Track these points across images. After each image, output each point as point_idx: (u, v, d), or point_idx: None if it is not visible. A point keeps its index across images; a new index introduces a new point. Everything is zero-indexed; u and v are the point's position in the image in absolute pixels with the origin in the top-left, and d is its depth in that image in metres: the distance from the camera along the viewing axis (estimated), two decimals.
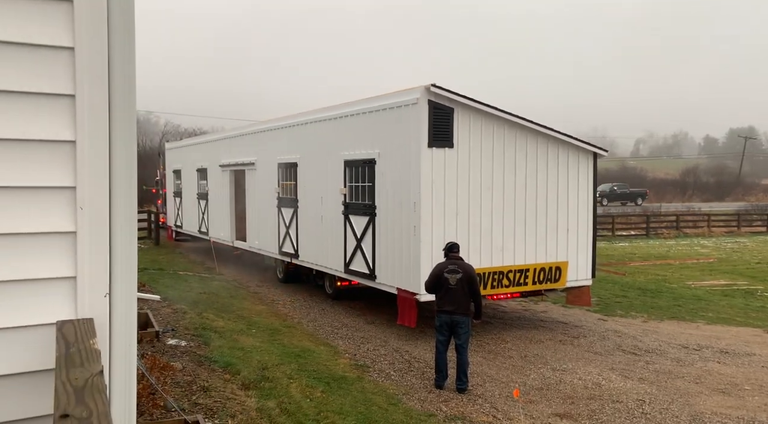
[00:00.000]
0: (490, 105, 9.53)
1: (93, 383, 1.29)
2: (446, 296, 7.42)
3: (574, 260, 10.44)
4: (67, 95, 1.96)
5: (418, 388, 7.42)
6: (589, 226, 10.71)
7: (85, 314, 1.94)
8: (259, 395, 6.39)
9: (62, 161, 1.97)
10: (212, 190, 17.32)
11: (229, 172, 16.17)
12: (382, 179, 9.98)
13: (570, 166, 10.43)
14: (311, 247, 12.24)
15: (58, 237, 1.95)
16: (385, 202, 9.96)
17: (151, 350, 7.37)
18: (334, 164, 11.19)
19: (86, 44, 1.96)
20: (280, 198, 13.41)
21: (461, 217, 9.41)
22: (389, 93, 9.88)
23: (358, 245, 10.62)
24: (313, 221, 12.12)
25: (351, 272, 10.90)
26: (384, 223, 9.98)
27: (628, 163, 79.21)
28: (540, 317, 11.46)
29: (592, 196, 10.72)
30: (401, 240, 9.52)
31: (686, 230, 30.71)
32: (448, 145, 9.22)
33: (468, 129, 9.41)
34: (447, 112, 9.18)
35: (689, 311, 12.32)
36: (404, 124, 9.39)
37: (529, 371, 8.11)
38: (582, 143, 10.64)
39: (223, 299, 12.13)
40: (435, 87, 8.95)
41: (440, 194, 9.21)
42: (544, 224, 10.19)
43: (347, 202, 10.93)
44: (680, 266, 19.22)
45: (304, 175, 12.43)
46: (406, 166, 9.34)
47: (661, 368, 8.34)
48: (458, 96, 9.20)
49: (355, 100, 10.88)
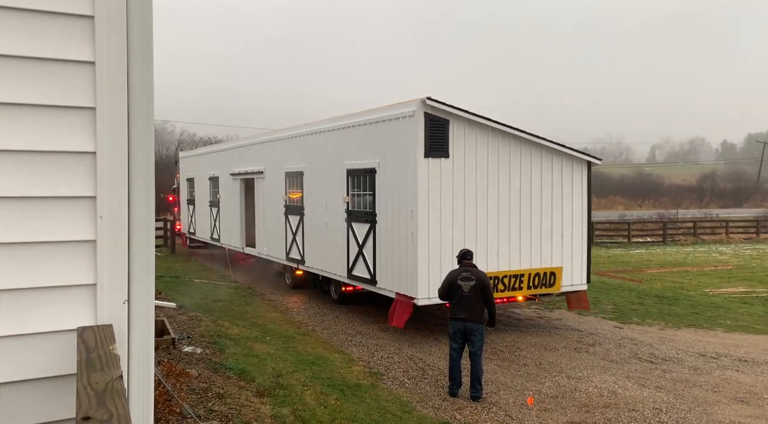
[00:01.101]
0: (484, 116, 9.88)
1: (113, 386, 1.33)
2: (460, 304, 7.42)
3: (569, 265, 10.73)
4: (87, 108, 2.02)
5: (432, 396, 7.41)
6: (584, 232, 11.00)
7: (104, 320, 2.00)
8: (274, 402, 6.43)
9: (83, 172, 2.03)
10: (223, 198, 17.81)
11: (239, 180, 16.62)
12: (381, 188, 10.37)
13: (564, 175, 10.77)
14: (316, 253, 12.60)
15: (78, 245, 2.01)
16: (384, 210, 10.33)
17: (167, 357, 7.45)
18: (338, 173, 11.60)
19: (106, 58, 2.03)
20: (287, 206, 13.80)
21: (457, 224, 9.74)
22: (388, 105, 10.26)
23: (360, 251, 10.95)
24: (318, 228, 12.47)
25: (354, 277, 11.23)
26: (384, 230, 10.33)
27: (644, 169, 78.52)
28: (555, 324, 11.39)
29: (586, 203, 11.04)
30: (400, 246, 9.86)
31: (704, 237, 30.34)
32: (443, 156, 9.57)
33: (463, 140, 9.78)
34: (442, 124, 9.53)
35: (707, 318, 12.17)
36: (402, 135, 9.75)
37: (544, 379, 8.06)
38: (576, 152, 10.99)
39: (237, 307, 12.21)
40: (430, 100, 9.29)
41: (436, 202, 9.54)
42: (538, 230, 10.51)
43: (350, 210, 11.29)
44: (698, 273, 18.99)
45: (310, 183, 12.82)
46: (404, 176, 9.72)
47: (678, 377, 8.25)
48: (453, 108, 9.54)
49: (356, 112, 11.27)
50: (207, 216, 19.40)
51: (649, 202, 56.91)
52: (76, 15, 1.99)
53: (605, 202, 56.82)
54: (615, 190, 58.50)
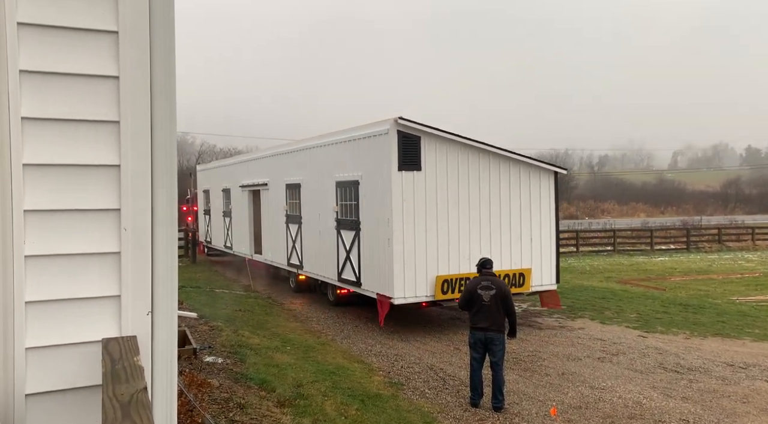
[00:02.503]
0: (453, 133, 10.92)
1: (138, 398, 1.34)
2: (480, 313, 7.35)
3: (538, 267, 11.66)
4: (112, 122, 2.06)
5: (453, 406, 7.34)
6: (552, 236, 12.02)
7: (128, 331, 2.02)
8: (295, 412, 6.42)
9: (107, 185, 2.06)
10: (234, 209, 19.14)
11: (247, 192, 17.86)
12: (364, 198, 11.41)
13: (532, 184, 11.78)
14: (312, 258, 13.69)
15: (103, 258, 2.03)
16: (366, 219, 11.34)
17: (188, 367, 7.49)
18: (329, 185, 12.68)
19: (130, 73, 2.06)
20: (287, 215, 14.92)
21: (430, 230, 10.73)
22: (368, 123, 11.35)
23: (348, 256, 11.98)
24: (313, 236, 13.56)
25: (343, 280, 12.23)
26: (366, 236, 11.33)
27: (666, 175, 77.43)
28: (577, 333, 11.24)
29: (554, 210, 12.07)
30: (379, 251, 10.85)
31: (729, 244, 29.77)
32: (416, 169, 10.61)
33: (434, 154, 10.79)
34: (414, 140, 10.57)
35: (734, 327, 11.90)
36: (378, 151, 10.81)
37: (567, 389, 7.94)
38: (543, 164, 12.12)
39: (257, 316, 12.27)
40: (402, 119, 10.39)
41: (410, 211, 10.56)
42: (508, 235, 11.46)
43: (339, 219, 12.35)
44: (723, 280, 18.61)
45: (306, 194, 13.94)
46: (381, 187, 10.75)
47: (705, 387, 8.07)
48: (424, 126, 10.59)
49: (344, 129, 12.37)
50: (221, 225, 20.74)
51: (672, 208, 56.05)
52: (101, 31, 2.03)
53: (627, 210, 56.09)
54: (637, 197, 57.79)
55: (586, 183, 69.91)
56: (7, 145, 1.93)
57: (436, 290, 10.74)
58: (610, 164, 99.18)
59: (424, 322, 12.15)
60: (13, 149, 1.93)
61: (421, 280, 10.68)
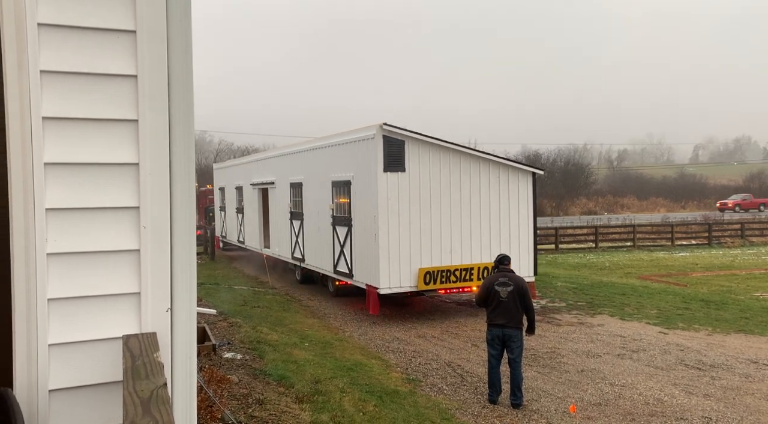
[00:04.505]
0: (435, 137, 11.91)
1: (158, 394, 1.35)
2: (497, 309, 7.32)
3: (516, 260, 11.96)
4: (130, 120, 2.07)
5: (472, 403, 7.32)
6: (530, 232, 12.90)
7: (148, 328, 2.04)
8: (313, 408, 6.45)
9: (127, 183, 2.08)
10: (246, 205, 20.15)
11: (258, 189, 18.91)
12: (355, 197, 12.34)
13: (510, 184, 12.71)
14: (313, 253, 14.62)
15: (123, 255, 2.06)
16: (357, 216, 12.27)
17: (208, 363, 7.57)
18: (326, 184, 13.59)
19: (148, 72, 2.08)
20: (291, 212, 15.93)
21: (413, 226, 11.67)
22: (359, 128, 12.26)
23: (342, 250, 12.90)
24: (313, 231, 14.52)
25: (338, 272, 13.17)
26: (357, 232, 12.27)
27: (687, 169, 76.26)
28: (596, 330, 11.13)
29: (531, 207, 12.93)
30: (368, 245, 11.79)
31: (752, 239, 29.21)
32: (400, 170, 11.56)
33: (417, 157, 11.75)
34: (398, 144, 11.54)
35: (758, 323, 11.69)
36: (367, 154, 11.75)
37: (586, 386, 7.88)
38: (521, 165, 13.27)
39: (276, 313, 12.35)
40: (387, 125, 11.35)
41: (395, 209, 11.51)
42: (487, 231, 12.37)
43: (334, 216, 13.30)
44: (747, 276, 18.29)
45: (307, 193, 14.90)
46: (369, 187, 11.67)
47: (728, 384, 7.94)
48: (407, 131, 11.60)
49: (338, 133, 13.36)
50: (235, 221, 21.89)
51: (693, 203, 55.19)
52: (119, 30, 2.04)
53: (647, 205, 55.34)
54: (657, 192, 57.00)
55: (605, 178, 69.10)
56: (29, 144, 1.96)
57: (419, 281, 11.68)
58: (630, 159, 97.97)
59: (441, 318, 12.13)
60: (35, 148, 1.96)
61: (405, 272, 11.62)
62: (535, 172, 13.14)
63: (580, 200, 54.87)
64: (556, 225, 30.40)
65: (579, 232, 29.03)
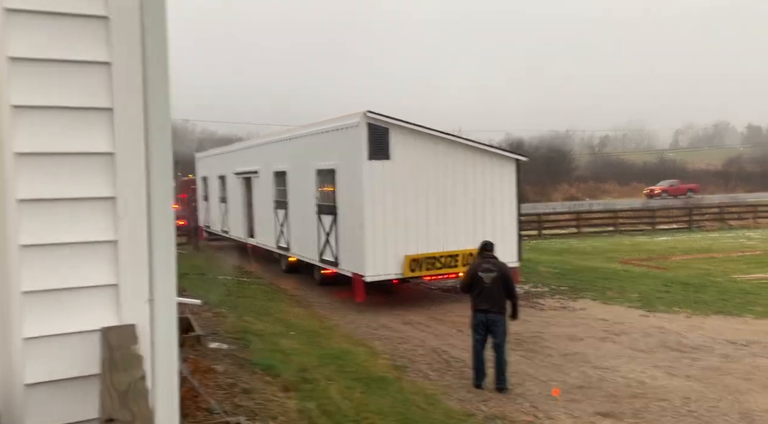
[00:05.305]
0: (419, 125, 11.82)
1: (136, 387, 1.33)
2: (481, 295, 7.36)
3: (501, 246, 12.38)
4: (105, 109, 2.03)
5: (457, 387, 7.38)
6: (514, 218, 12.92)
7: (127, 320, 2.00)
8: (300, 396, 6.45)
9: (102, 173, 2.03)
10: (230, 195, 19.97)
11: (241, 179, 18.63)
12: (340, 185, 12.29)
13: (494, 171, 12.69)
14: (298, 242, 14.59)
15: (100, 246, 2.02)
16: (342, 204, 12.24)
17: (193, 354, 7.52)
18: (310, 173, 13.47)
19: (122, 59, 2.03)
20: (276, 201, 15.76)
21: (399, 214, 11.62)
22: (343, 116, 12.17)
23: (327, 238, 12.88)
24: (298, 220, 14.44)
25: (323, 261, 13.13)
26: (342, 220, 12.25)
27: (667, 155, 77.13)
28: (579, 314, 11.27)
29: (515, 193, 12.93)
30: (353, 234, 11.75)
31: (731, 222, 29.72)
32: (385, 158, 11.46)
33: (402, 144, 11.65)
34: (382, 132, 11.42)
35: (736, 305, 11.91)
36: (351, 142, 11.66)
37: (570, 370, 7.98)
38: (504, 152, 13.32)
39: (261, 302, 12.31)
40: (371, 113, 11.25)
41: (380, 197, 11.43)
42: (472, 217, 12.34)
43: (319, 204, 13.23)
44: (725, 259, 18.62)
45: (291, 182, 14.79)
46: (354, 175, 11.60)
47: (707, 365, 8.10)
48: (392, 119, 11.48)
49: (321, 121, 13.27)
50: (218, 211, 21.74)
51: None
52: (91, 16, 1.99)
53: (628, 190, 55.96)
54: (638, 177, 57.61)
55: (587, 164, 69.64)
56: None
57: (405, 268, 11.66)
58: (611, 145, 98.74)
59: (426, 305, 12.19)
60: (5, 138, 1.91)
61: (390, 259, 11.57)
62: (519, 159, 13.17)
63: (562, 187, 55.33)
64: (539, 211, 30.62)
65: (561, 218, 29.28)
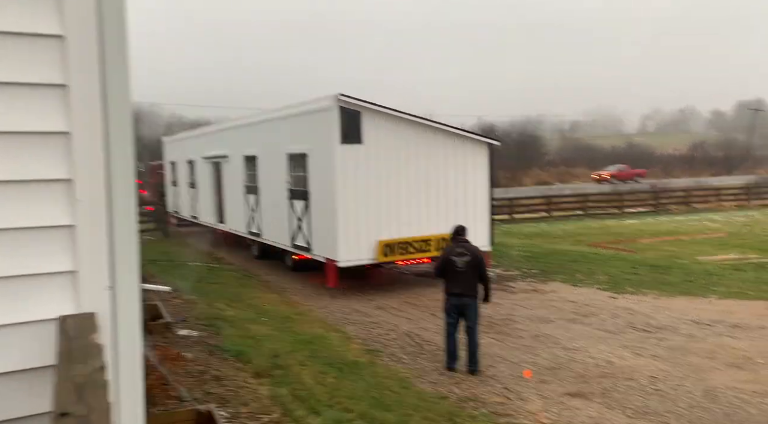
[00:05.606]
0: (392, 108, 11.68)
1: (93, 379, 1.26)
2: (454, 279, 7.39)
3: (473, 231, 12.28)
4: (59, 85, 1.91)
5: (430, 371, 7.42)
6: (486, 202, 12.91)
7: (87, 308, 1.91)
8: (272, 382, 6.40)
9: (58, 153, 1.93)
10: (199, 180, 19.57)
11: (210, 163, 18.26)
12: (312, 170, 12.09)
13: (467, 155, 12.64)
14: (269, 227, 14.38)
15: (56, 231, 1.92)
16: (314, 189, 12.08)
17: (162, 341, 7.39)
18: (281, 157, 13.21)
19: (77, 31, 1.91)
20: (246, 186, 15.48)
21: (371, 199, 11.51)
22: (314, 99, 11.97)
23: (299, 224, 12.76)
24: (269, 205, 14.20)
25: (296, 246, 13.01)
26: (315, 205, 12.10)
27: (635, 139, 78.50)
28: (549, 296, 11.43)
29: (488, 178, 12.91)
30: (326, 219, 11.63)
31: (696, 205, 30.47)
32: (357, 142, 11.29)
33: (375, 128, 11.47)
34: (355, 115, 11.25)
35: (700, 286, 12.24)
36: (323, 125, 11.48)
37: (540, 351, 8.09)
38: (477, 136, 13.24)
39: (232, 289, 12.17)
40: (343, 96, 11.06)
41: (352, 182, 11.28)
42: (444, 202, 12.30)
43: (291, 189, 13.00)
44: (690, 241, 19.09)
45: (262, 166, 14.52)
46: (326, 159, 11.44)
47: (673, 345, 8.30)
48: (364, 102, 11.30)
49: (293, 104, 12.93)
50: (187, 196, 21.29)
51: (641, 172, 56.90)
52: None
53: None
54: (607, 162, 58.43)
55: (557, 149, 70.43)
56: None
57: (378, 253, 11.60)
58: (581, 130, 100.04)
59: (399, 289, 12.21)
60: None
61: (363, 244, 11.49)
62: (491, 143, 13.15)
63: (533, 171, 55.87)
64: (510, 196, 30.90)
65: (532, 202, 29.60)
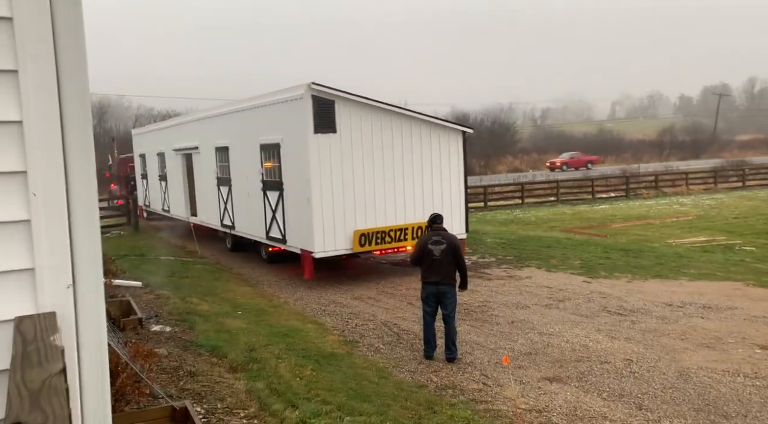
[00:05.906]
0: (366, 97, 11.57)
1: (51, 384, 1.17)
2: (431, 267, 7.37)
3: (449, 218, 12.12)
4: (8, 71, 1.79)
5: (408, 360, 7.41)
6: (461, 190, 12.92)
7: (47, 307, 1.81)
8: (248, 377, 6.31)
9: (9, 144, 1.81)
10: (170, 172, 19.20)
11: (180, 155, 18.00)
12: (285, 160, 11.92)
13: (441, 143, 12.60)
14: (243, 219, 14.14)
15: (10, 226, 1.80)
16: (288, 179, 11.91)
17: (134, 338, 7.23)
18: (254, 148, 13.01)
19: (26, 12, 1.79)
20: (218, 178, 15.26)
21: (347, 189, 11.39)
22: (286, 88, 11.78)
23: (273, 215, 12.55)
24: (242, 197, 13.94)
25: (271, 238, 12.83)
26: (289, 196, 11.93)
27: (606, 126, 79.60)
28: (525, 282, 11.52)
29: (462, 166, 12.90)
30: (300, 210, 11.48)
31: (665, 189, 31.06)
32: (331, 131, 11.17)
33: (349, 117, 11.37)
34: (328, 104, 11.11)
35: (671, 268, 12.47)
36: (296, 115, 11.28)
37: (517, 337, 8.14)
38: (451, 124, 13.13)
39: (206, 282, 11.98)
40: (315, 84, 10.90)
41: (327, 171, 11.16)
42: (420, 190, 12.29)
43: (264, 180, 12.79)
44: (661, 225, 19.45)
45: (234, 157, 14.29)
46: (300, 149, 11.28)
47: (646, 327, 8.43)
48: (337, 91, 11.19)
49: (265, 94, 12.76)
50: (158, 189, 20.89)
51: (612, 158, 57.86)
52: None
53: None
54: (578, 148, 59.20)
55: (529, 136, 71.09)
56: None
57: (354, 243, 11.50)
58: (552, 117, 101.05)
59: (377, 279, 12.17)
60: None
61: (340, 234, 11.39)
62: (465, 131, 13.14)
63: (506, 159, 56.32)
64: (484, 183, 31.06)
65: (506, 189, 29.81)
